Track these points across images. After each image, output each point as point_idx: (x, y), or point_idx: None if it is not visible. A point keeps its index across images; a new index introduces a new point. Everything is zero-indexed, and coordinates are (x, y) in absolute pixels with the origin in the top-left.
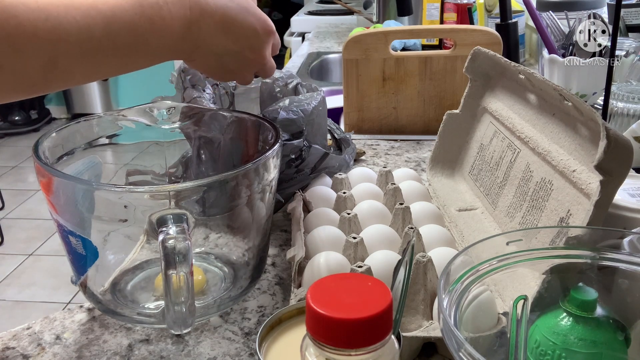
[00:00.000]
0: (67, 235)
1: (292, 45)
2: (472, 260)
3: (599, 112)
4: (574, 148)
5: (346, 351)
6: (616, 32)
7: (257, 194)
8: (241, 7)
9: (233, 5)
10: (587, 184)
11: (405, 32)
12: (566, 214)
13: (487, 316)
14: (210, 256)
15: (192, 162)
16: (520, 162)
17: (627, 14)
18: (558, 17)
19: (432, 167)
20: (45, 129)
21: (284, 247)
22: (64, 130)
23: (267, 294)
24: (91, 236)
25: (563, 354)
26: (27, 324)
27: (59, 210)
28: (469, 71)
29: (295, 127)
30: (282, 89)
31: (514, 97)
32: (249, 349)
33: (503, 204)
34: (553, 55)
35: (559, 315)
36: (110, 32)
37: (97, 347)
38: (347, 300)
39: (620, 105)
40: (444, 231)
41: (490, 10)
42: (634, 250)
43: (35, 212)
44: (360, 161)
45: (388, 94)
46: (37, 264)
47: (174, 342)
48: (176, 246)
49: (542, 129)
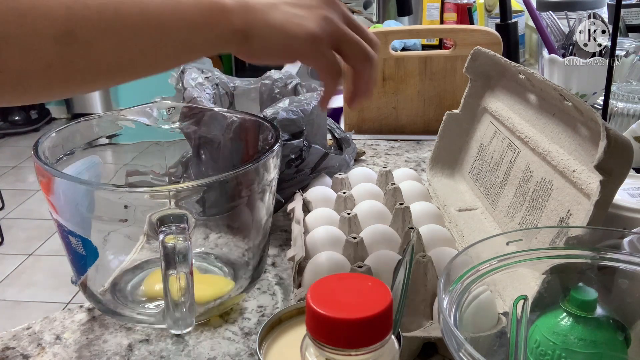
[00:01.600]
0: (67, 235)
1: None
2: (472, 260)
3: (599, 112)
4: (574, 148)
5: (346, 351)
6: (616, 32)
7: (257, 194)
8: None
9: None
10: (587, 184)
11: (405, 32)
12: (566, 214)
13: (487, 316)
14: (210, 256)
15: (192, 162)
16: (521, 162)
17: (627, 14)
18: (558, 17)
19: (432, 167)
20: (45, 129)
21: (284, 247)
22: (64, 130)
23: (267, 294)
24: (91, 236)
25: (563, 354)
26: (27, 324)
27: (59, 210)
28: (469, 71)
29: (295, 127)
30: (281, 89)
31: (514, 97)
32: (249, 349)
33: (503, 204)
34: (553, 55)
35: (559, 315)
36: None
37: (97, 347)
38: (347, 300)
39: (620, 105)
40: (444, 231)
41: (490, 10)
42: (634, 250)
43: (35, 212)
44: (360, 161)
45: (388, 94)
46: (37, 264)
47: (174, 342)
48: (176, 246)
49: (542, 129)
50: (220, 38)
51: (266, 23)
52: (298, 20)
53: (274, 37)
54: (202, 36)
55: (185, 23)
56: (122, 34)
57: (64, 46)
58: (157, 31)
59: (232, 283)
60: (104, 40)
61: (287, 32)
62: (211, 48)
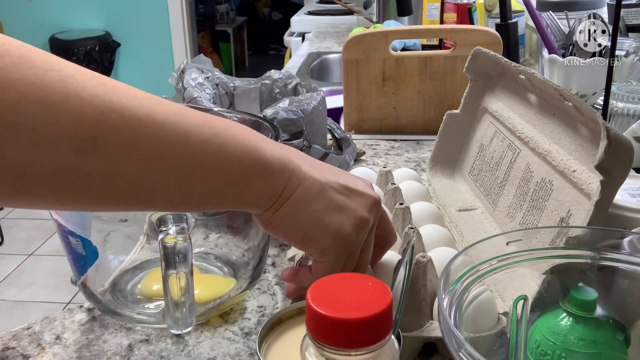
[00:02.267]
0: (67, 235)
1: (292, 45)
2: (472, 260)
3: (599, 112)
4: (574, 148)
5: (346, 351)
6: (616, 32)
7: None
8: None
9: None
10: (588, 184)
11: (405, 32)
12: (566, 214)
13: (487, 316)
14: (210, 256)
15: None
16: (521, 163)
17: (627, 14)
18: (558, 17)
19: (432, 167)
20: None
21: (284, 247)
22: None
23: (267, 294)
24: (91, 236)
25: (563, 354)
26: (27, 324)
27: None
28: (470, 71)
29: (295, 127)
30: (281, 89)
31: (514, 97)
32: (249, 349)
33: (503, 204)
34: (553, 55)
35: (559, 315)
36: (183, 135)
37: (97, 347)
38: (347, 300)
39: (620, 105)
40: (444, 231)
41: (490, 10)
42: (634, 250)
43: (35, 212)
44: (360, 161)
45: (388, 94)
46: (37, 264)
47: (174, 342)
48: (176, 246)
49: (542, 129)
50: (253, 197)
51: (304, 205)
52: (337, 217)
53: (304, 222)
54: (236, 190)
55: (223, 170)
56: (150, 159)
57: (82, 153)
58: (191, 168)
59: (234, 281)
60: (128, 159)
61: (319, 224)
62: (240, 204)
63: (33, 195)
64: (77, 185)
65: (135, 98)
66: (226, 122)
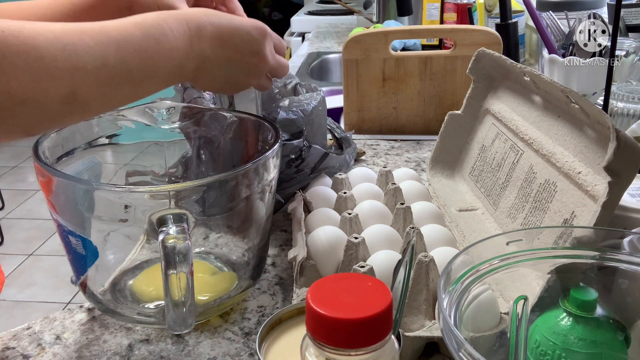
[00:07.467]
0: (67, 235)
1: (292, 45)
2: (472, 260)
3: None
4: (580, 150)
5: (346, 351)
6: (616, 32)
7: (257, 194)
8: (229, 17)
9: (221, 15)
10: (593, 186)
11: (405, 32)
12: (570, 216)
13: (487, 316)
14: (210, 256)
15: (192, 162)
16: (524, 164)
17: (627, 14)
18: (558, 17)
19: (433, 167)
20: None
21: (284, 247)
22: (64, 130)
23: (267, 294)
24: (91, 236)
25: (563, 354)
26: (27, 324)
27: (59, 210)
28: (473, 72)
29: (295, 127)
30: (281, 89)
31: (518, 98)
32: (249, 349)
33: (504, 205)
34: (553, 55)
35: (559, 315)
36: (122, 57)
37: (97, 347)
38: (347, 300)
39: (620, 105)
40: (445, 231)
41: (490, 10)
42: (634, 250)
43: (35, 212)
44: (360, 161)
45: (388, 94)
46: (37, 264)
47: (174, 342)
48: (176, 246)
49: (546, 130)
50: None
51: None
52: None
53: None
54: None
55: (157, 80)
56: (110, 85)
57: (67, 105)
58: (136, 87)
59: (235, 275)
60: (97, 97)
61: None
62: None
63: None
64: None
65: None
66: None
